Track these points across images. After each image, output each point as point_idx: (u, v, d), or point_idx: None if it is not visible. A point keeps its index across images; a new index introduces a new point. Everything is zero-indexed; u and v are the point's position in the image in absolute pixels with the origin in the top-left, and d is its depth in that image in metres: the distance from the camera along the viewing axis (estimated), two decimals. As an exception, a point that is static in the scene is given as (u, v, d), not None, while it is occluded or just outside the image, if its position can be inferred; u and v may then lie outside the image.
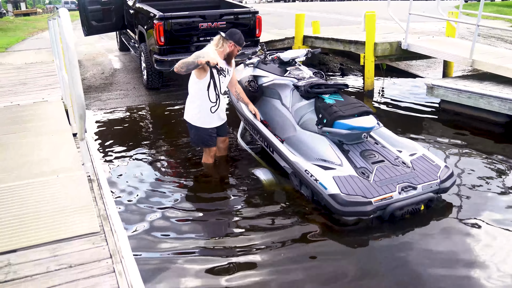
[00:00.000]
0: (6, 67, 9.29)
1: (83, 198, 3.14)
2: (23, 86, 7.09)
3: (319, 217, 4.02)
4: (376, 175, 3.97)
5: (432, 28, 11.13)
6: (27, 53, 11.67)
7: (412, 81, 9.80)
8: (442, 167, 4.16)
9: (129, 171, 5.08)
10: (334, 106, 4.27)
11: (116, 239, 2.65)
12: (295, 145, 4.52)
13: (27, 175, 3.52)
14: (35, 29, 20.36)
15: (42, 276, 2.32)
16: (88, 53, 12.49)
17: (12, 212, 2.96)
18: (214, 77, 4.54)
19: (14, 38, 15.96)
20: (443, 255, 3.45)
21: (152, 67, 8.13)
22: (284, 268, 3.33)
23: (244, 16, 8.08)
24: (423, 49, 8.13)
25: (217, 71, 4.55)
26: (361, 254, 3.55)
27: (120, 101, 8.25)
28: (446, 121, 6.80)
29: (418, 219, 3.91)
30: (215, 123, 4.87)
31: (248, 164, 5.13)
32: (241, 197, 4.45)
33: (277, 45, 10.60)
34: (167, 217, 4.10)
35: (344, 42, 9.34)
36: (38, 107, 5.71)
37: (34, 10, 33.95)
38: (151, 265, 3.38)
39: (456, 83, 6.94)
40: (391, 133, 4.67)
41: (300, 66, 5.14)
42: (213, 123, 4.85)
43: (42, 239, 2.65)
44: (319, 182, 3.90)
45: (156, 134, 6.35)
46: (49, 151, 4.04)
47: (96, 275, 2.33)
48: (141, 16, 8.53)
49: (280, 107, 4.92)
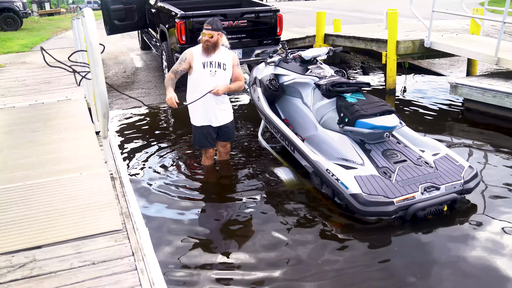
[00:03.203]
0: (31, 66, 9.45)
1: (106, 195, 3.17)
2: (47, 85, 7.21)
3: (340, 217, 4.00)
4: (398, 175, 3.93)
5: (455, 26, 10.96)
6: (51, 52, 11.83)
7: (435, 79, 9.67)
8: (466, 167, 4.10)
9: (151, 169, 5.12)
10: (356, 105, 4.24)
11: (138, 237, 2.67)
12: (316, 144, 4.50)
13: (51, 173, 3.58)
14: (59, 28, 20.65)
15: (66, 272, 2.36)
16: (110, 52, 12.61)
17: (38, 208, 3.01)
18: (199, 72, 4.50)
19: (38, 38, 16.22)
20: (465, 258, 3.39)
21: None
22: (303, 267, 3.32)
23: (265, 14, 8.07)
24: (447, 47, 8.00)
25: (203, 65, 4.47)
26: (381, 255, 3.51)
27: (142, 99, 8.29)
28: (470, 120, 6.69)
29: (441, 220, 3.85)
30: (204, 121, 4.68)
31: (269, 163, 5.13)
32: (262, 196, 4.45)
33: (297, 43, 10.56)
34: (188, 215, 4.13)
35: (366, 40, 9.26)
36: (62, 106, 5.80)
37: (58, 10, 34.46)
38: (172, 263, 3.40)
39: (481, 82, 6.82)
40: (413, 133, 4.62)
41: (321, 65, 5.11)
42: (202, 121, 4.67)
43: (67, 235, 2.68)
44: (341, 181, 3.87)
45: (177, 133, 6.39)
46: (72, 148, 4.09)
47: (119, 272, 2.35)
48: (162, 15, 8.59)
49: (301, 105, 4.91)
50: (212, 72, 4.47)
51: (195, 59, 4.49)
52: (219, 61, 4.50)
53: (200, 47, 4.52)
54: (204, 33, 4.41)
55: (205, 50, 4.46)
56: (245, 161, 5.27)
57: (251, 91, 5.62)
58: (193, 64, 4.50)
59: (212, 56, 4.47)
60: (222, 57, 4.52)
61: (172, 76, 4.54)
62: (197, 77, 4.51)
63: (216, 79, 4.48)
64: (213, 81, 4.48)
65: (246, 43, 8.04)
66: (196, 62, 4.48)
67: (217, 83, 4.47)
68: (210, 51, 4.45)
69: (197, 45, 4.60)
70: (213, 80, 4.48)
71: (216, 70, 4.48)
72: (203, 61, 4.47)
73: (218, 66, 4.49)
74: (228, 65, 4.55)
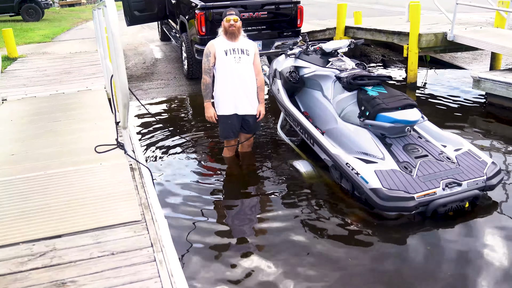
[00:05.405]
0: (52, 56, 9.54)
1: (125, 186, 3.19)
2: (68, 75, 7.27)
3: (359, 212, 3.95)
4: (419, 170, 3.86)
5: (479, 19, 10.74)
6: (71, 43, 11.94)
7: (457, 73, 9.50)
8: (489, 164, 4.02)
9: (170, 160, 5.14)
10: (377, 98, 4.18)
11: (157, 228, 2.68)
12: (336, 138, 4.46)
13: (72, 162, 3.61)
14: (80, 19, 20.79)
15: (86, 262, 2.37)
16: (130, 43, 12.66)
17: (58, 198, 3.04)
18: (222, 61, 4.53)
19: (59, 28, 16.36)
20: (486, 256, 3.32)
21: (193, 57, 8.17)
22: (322, 260, 3.30)
23: (286, 6, 7.99)
24: (470, 40, 7.84)
25: (225, 53, 4.51)
26: (400, 251, 3.47)
27: (161, 90, 8.34)
28: (493, 115, 6.56)
29: (462, 217, 3.78)
30: (230, 109, 4.68)
31: (288, 156, 5.10)
32: (281, 189, 4.42)
33: (318, 35, 10.46)
34: (207, 207, 4.13)
35: (387, 33, 9.12)
36: (82, 96, 5.85)
37: (79, 0, 34.72)
38: (190, 254, 3.40)
39: (505, 76, 6.66)
40: (435, 127, 4.54)
41: (342, 57, 5.04)
42: (228, 108, 4.67)
43: (86, 225, 2.70)
44: (360, 175, 3.83)
45: (197, 124, 6.39)
46: (92, 139, 4.12)
47: (138, 263, 2.36)
48: (182, 6, 8.57)
49: (321, 98, 4.86)
50: (236, 58, 4.53)
51: (217, 49, 4.54)
52: (242, 48, 4.57)
53: (220, 38, 4.59)
54: (228, 18, 4.51)
55: (230, 36, 4.55)
56: (264, 153, 5.24)
57: (270, 83, 5.58)
58: (216, 54, 4.54)
59: (235, 43, 4.55)
60: (245, 44, 4.62)
61: (208, 79, 4.61)
62: (222, 65, 4.55)
63: (241, 66, 4.55)
64: (239, 68, 4.55)
65: (266, 34, 7.99)
66: (218, 51, 4.54)
67: (243, 69, 4.56)
68: (235, 36, 4.54)
69: (217, 37, 4.61)
70: (238, 66, 4.55)
71: (240, 56, 4.55)
72: (225, 49, 4.53)
73: (242, 53, 4.56)
74: (250, 51, 4.63)
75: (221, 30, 4.63)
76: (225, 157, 5.06)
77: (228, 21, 4.49)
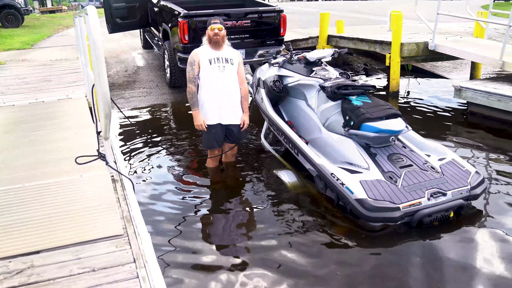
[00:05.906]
0: (32, 64, 9.39)
1: (107, 199, 3.10)
2: (48, 83, 7.14)
3: (344, 222, 3.92)
4: (404, 180, 3.86)
5: (459, 29, 10.90)
6: (52, 50, 11.78)
7: (438, 82, 9.61)
8: (473, 173, 4.03)
9: (153, 172, 5.05)
10: (361, 108, 4.17)
11: (140, 242, 2.60)
12: (320, 147, 4.43)
13: (52, 174, 3.51)
14: (60, 26, 20.56)
15: (66, 280, 2.29)
16: (112, 50, 12.53)
17: (37, 212, 2.94)
18: (206, 70, 4.49)
19: (39, 35, 16.14)
20: (472, 265, 3.32)
21: (175, 65, 8.10)
22: (306, 273, 3.25)
23: (269, 14, 8.00)
24: (451, 50, 7.93)
25: (209, 62, 4.49)
26: (386, 261, 3.44)
27: (143, 99, 8.25)
28: (475, 124, 6.62)
29: (447, 226, 3.78)
30: (214, 118, 4.60)
31: (272, 166, 5.05)
32: (265, 199, 4.38)
33: (301, 44, 10.49)
34: (191, 219, 4.06)
35: (370, 42, 9.19)
36: (63, 104, 5.74)
37: (60, 7, 34.40)
38: (174, 270, 3.32)
39: (486, 85, 6.75)
40: (419, 137, 4.55)
41: (326, 67, 5.04)
42: (212, 118, 4.60)
43: (66, 240, 2.61)
44: (346, 186, 3.80)
45: (179, 133, 6.31)
46: (73, 149, 4.03)
47: (120, 280, 2.28)
48: (165, 14, 8.52)
49: (305, 108, 4.84)
50: (221, 67, 4.50)
51: (201, 58, 4.51)
52: (227, 57, 4.55)
53: (204, 47, 4.55)
54: (213, 27, 4.47)
55: (214, 44, 4.52)
56: (248, 163, 5.20)
57: (254, 92, 5.55)
58: (200, 63, 4.50)
59: (219, 52, 4.53)
60: (229, 53, 4.60)
61: (193, 88, 4.54)
62: (206, 74, 4.51)
63: (226, 75, 4.52)
64: (223, 77, 4.51)
65: (249, 43, 7.97)
66: (202, 60, 4.50)
67: (227, 79, 4.53)
68: (219, 45, 4.52)
69: (200, 46, 4.58)
70: (223, 76, 4.51)
71: (224, 65, 4.52)
72: (209, 58, 4.50)
73: (226, 62, 4.53)
74: (235, 61, 4.60)
75: (205, 39, 4.58)
76: (209, 167, 4.99)
77: (213, 29, 4.46)
